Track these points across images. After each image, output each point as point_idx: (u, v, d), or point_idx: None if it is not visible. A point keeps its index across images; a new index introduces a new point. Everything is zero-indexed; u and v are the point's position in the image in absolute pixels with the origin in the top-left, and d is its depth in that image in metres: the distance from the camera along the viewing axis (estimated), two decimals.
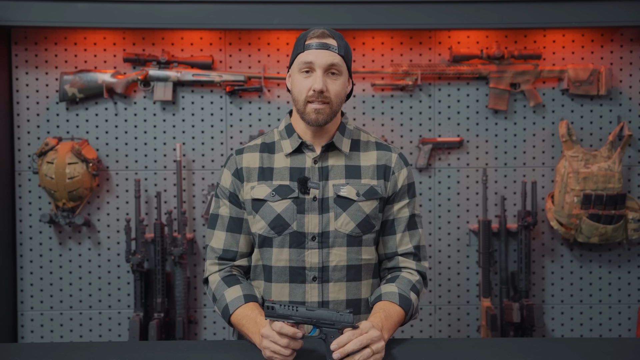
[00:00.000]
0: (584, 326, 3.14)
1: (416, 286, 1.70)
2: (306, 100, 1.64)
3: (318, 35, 1.64)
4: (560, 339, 1.86)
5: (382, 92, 3.09)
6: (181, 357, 1.57)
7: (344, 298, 1.69)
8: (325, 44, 1.63)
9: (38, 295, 3.08)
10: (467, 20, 2.87)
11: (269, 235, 1.68)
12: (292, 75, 1.69)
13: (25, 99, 3.05)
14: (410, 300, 1.67)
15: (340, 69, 1.65)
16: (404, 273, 1.72)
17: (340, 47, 1.65)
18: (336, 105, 1.66)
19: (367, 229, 1.69)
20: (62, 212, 2.97)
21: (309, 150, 1.71)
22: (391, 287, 1.68)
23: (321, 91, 1.62)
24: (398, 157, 1.75)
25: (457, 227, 3.12)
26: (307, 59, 1.63)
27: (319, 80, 1.61)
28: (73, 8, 2.82)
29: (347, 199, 1.67)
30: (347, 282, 1.69)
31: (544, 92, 3.10)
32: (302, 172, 1.69)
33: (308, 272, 1.67)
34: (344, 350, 1.45)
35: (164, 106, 3.08)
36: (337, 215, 1.67)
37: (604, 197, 2.94)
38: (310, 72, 1.63)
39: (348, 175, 1.70)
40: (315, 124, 1.65)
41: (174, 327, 3.00)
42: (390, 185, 1.72)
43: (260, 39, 3.07)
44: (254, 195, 1.69)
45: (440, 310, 3.14)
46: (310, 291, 1.67)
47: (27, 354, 1.63)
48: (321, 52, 1.62)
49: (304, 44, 1.64)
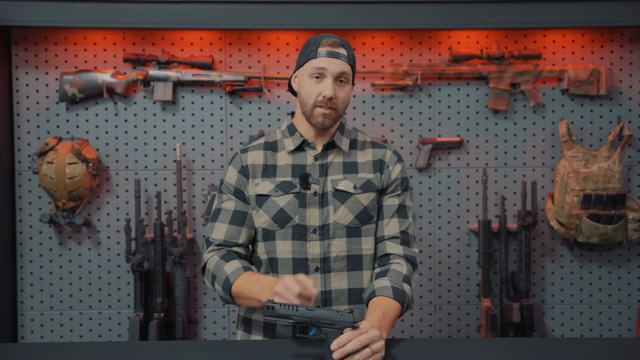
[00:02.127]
0: (584, 326, 3.14)
1: (408, 277, 1.74)
2: (315, 104, 1.73)
3: (330, 44, 1.72)
4: (560, 339, 1.86)
5: (382, 92, 3.09)
6: (181, 357, 1.57)
7: (345, 287, 1.75)
8: (337, 53, 1.72)
9: (38, 295, 3.08)
10: (467, 20, 2.87)
11: (272, 228, 1.74)
12: (300, 78, 1.77)
13: (25, 99, 3.05)
14: (404, 291, 1.70)
15: (348, 77, 1.74)
16: (393, 265, 1.76)
17: (349, 57, 1.74)
18: (342, 110, 1.76)
19: (366, 220, 1.77)
20: (62, 212, 2.97)
21: (310, 148, 1.79)
22: (383, 281, 1.71)
23: (330, 98, 1.70)
24: (392, 153, 1.84)
25: (457, 227, 3.12)
26: (319, 65, 1.71)
27: (329, 87, 1.70)
28: (73, 8, 2.82)
29: (344, 192, 1.76)
30: (348, 272, 1.75)
31: (544, 92, 3.10)
32: (303, 169, 1.77)
33: (310, 263, 1.74)
34: (344, 350, 1.45)
35: (164, 106, 3.08)
36: (336, 208, 1.75)
37: (604, 197, 2.94)
38: (320, 78, 1.72)
39: (346, 170, 1.79)
40: (322, 127, 1.75)
41: (174, 327, 3.00)
42: (385, 178, 1.81)
43: (260, 39, 3.07)
44: (258, 191, 1.76)
45: (440, 310, 3.14)
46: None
47: (27, 354, 1.63)
48: (333, 61, 1.71)
49: (316, 50, 1.72)
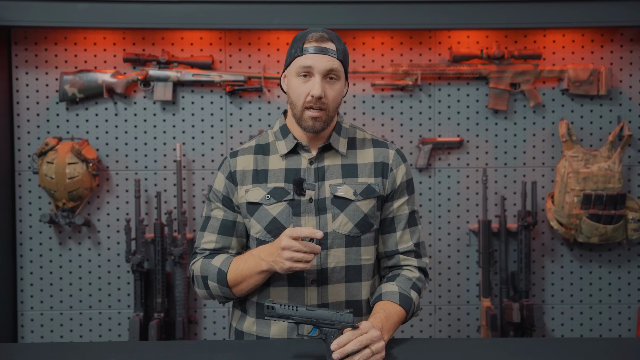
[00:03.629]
0: (584, 326, 3.14)
1: (417, 284, 1.69)
2: (304, 106, 1.62)
3: (317, 39, 1.61)
4: (560, 339, 1.86)
5: (382, 92, 3.09)
6: (181, 357, 1.57)
7: (343, 299, 1.68)
8: (324, 49, 1.60)
9: (38, 295, 3.08)
10: (467, 20, 2.87)
11: (266, 239, 1.66)
12: (288, 78, 1.66)
13: (25, 99, 3.05)
14: (411, 298, 1.66)
15: (338, 74, 1.63)
16: (404, 271, 1.71)
17: (338, 51, 1.62)
18: (332, 110, 1.65)
19: (366, 229, 1.67)
20: (62, 212, 2.97)
21: (304, 151, 1.69)
22: (391, 286, 1.67)
23: (320, 97, 1.60)
24: (395, 153, 1.73)
25: (457, 227, 3.12)
26: (305, 64, 1.60)
27: (318, 86, 1.59)
28: (73, 8, 2.82)
29: (344, 199, 1.66)
30: (346, 284, 1.67)
31: (544, 92, 3.10)
32: (297, 174, 1.66)
33: (307, 275, 1.65)
34: (344, 350, 1.44)
35: (164, 106, 3.08)
36: (334, 216, 1.65)
37: (604, 197, 2.94)
38: (308, 76, 1.61)
39: (345, 174, 1.68)
40: (312, 131, 1.64)
41: (174, 327, 3.00)
42: (389, 183, 1.71)
43: (260, 39, 3.07)
44: (249, 198, 1.67)
45: (440, 310, 3.14)
46: (309, 294, 1.66)
47: (27, 354, 1.63)
48: (320, 57, 1.60)
49: (302, 47, 1.61)
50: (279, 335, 1.67)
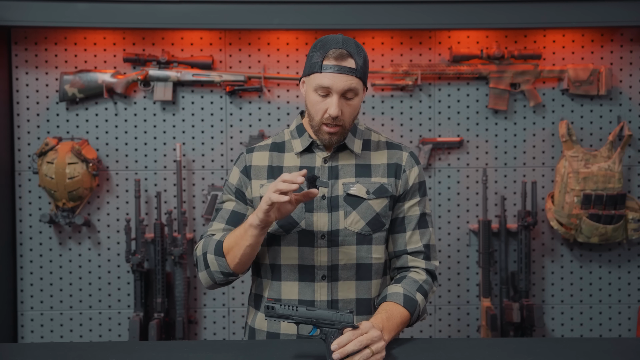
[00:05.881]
0: (584, 326, 3.14)
1: (423, 287, 1.69)
2: (321, 122, 1.63)
3: (337, 57, 1.59)
4: (560, 339, 1.86)
5: (382, 92, 3.09)
6: (181, 357, 1.57)
7: (353, 297, 1.68)
8: (344, 67, 1.59)
9: (38, 295, 3.08)
10: (467, 20, 2.87)
11: (277, 233, 1.68)
12: (307, 89, 1.66)
13: (25, 99, 3.05)
14: (416, 301, 1.66)
15: (357, 91, 1.62)
16: (411, 273, 1.71)
17: (358, 68, 1.61)
18: (349, 124, 1.66)
19: (377, 227, 1.69)
20: (62, 212, 2.97)
21: (319, 150, 1.71)
22: (397, 287, 1.67)
23: (336, 117, 1.61)
24: (409, 155, 1.74)
25: (457, 227, 3.12)
26: (323, 83, 1.60)
27: (335, 107, 1.60)
28: (73, 8, 2.82)
29: (357, 197, 1.67)
30: (356, 281, 1.69)
31: (544, 92, 3.10)
32: (311, 171, 1.67)
33: (317, 270, 1.66)
34: (344, 350, 1.44)
35: (164, 106, 3.08)
36: (347, 213, 1.67)
37: (604, 197, 2.94)
38: (326, 95, 1.62)
39: (358, 173, 1.70)
40: (329, 143, 1.68)
41: (174, 327, 3.00)
42: (402, 184, 1.72)
43: (260, 39, 3.07)
44: (263, 193, 1.68)
45: (440, 310, 3.14)
46: (320, 290, 1.67)
47: (27, 354, 1.63)
48: (339, 77, 1.59)
49: (321, 64, 1.60)
50: (289, 332, 1.68)
